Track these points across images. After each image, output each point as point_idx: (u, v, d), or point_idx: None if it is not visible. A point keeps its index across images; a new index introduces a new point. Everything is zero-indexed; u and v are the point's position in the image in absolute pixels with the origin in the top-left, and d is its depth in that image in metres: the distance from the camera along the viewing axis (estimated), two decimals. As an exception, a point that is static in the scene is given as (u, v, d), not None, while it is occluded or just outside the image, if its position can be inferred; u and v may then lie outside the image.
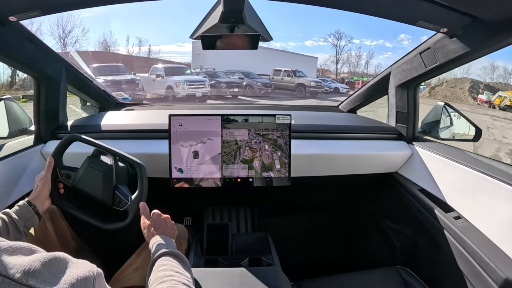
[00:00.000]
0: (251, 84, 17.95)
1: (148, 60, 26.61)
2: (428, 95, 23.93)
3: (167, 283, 0.82)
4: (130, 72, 16.19)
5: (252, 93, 17.36)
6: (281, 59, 23.67)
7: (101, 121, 1.86)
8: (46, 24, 32.69)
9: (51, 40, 33.00)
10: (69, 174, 1.28)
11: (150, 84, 15.44)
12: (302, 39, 50.31)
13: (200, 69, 19.79)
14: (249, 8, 1.32)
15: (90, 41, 41.78)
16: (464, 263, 1.25)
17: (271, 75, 20.57)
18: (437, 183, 1.54)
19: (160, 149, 1.56)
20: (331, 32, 40.52)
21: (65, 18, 27.80)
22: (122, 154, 1.25)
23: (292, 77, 19.76)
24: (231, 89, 17.21)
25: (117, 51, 30.85)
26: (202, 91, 14.95)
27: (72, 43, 28.60)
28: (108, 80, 13.91)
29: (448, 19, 1.27)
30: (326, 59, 35.18)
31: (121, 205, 1.24)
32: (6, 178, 1.43)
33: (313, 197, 2.22)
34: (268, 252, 1.49)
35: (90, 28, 42.97)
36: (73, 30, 28.62)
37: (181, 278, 0.86)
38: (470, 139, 1.73)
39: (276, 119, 1.49)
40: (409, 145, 1.80)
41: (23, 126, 1.70)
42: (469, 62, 1.49)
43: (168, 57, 29.55)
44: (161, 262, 0.93)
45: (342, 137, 1.79)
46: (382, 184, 1.92)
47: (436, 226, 1.42)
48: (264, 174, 1.50)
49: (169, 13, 40.47)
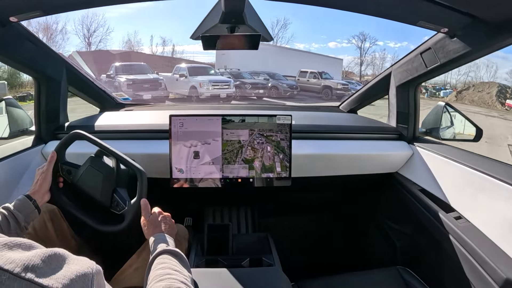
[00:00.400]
0: (276, 85, 17.50)
1: (171, 60, 26.48)
2: (455, 100, 23.46)
3: (166, 281, 0.82)
4: (153, 72, 15.85)
5: (278, 94, 16.91)
6: (306, 60, 23.22)
7: (102, 121, 1.86)
8: (71, 23, 33.12)
9: (76, 39, 33.33)
10: (70, 170, 1.28)
11: (173, 83, 15.14)
12: (325, 41, 49.66)
13: (224, 69, 19.51)
14: (249, 9, 1.32)
15: (114, 40, 42.09)
16: (465, 263, 1.25)
17: (296, 76, 20.10)
18: (438, 183, 1.54)
19: (161, 149, 1.56)
20: (355, 33, 40.08)
21: (90, 18, 28.20)
22: (125, 158, 1.24)
23: (318, 79, 19.19)
24: (256, 90, 16.84)
25: (141, 50, 31.01)
26: (227, 91, 14.65)
27: (97, 42, 28.97)
28: (130, 79, 13.85)
29: (448, 19, 1.27)
30: (350, 61, 34.43)
31: (119, 208, 1.23)
32: (7, 179, 1.44)
33: (314, 197, 2.22)
34: (269, 252, 1.49)
35: (115, 28, 43.73)
36: (98, 30, 28.96)
37: (179, 276, 0.86)
38: (471, 139, 1.73)
39: (276, 119, 1.48)
40: (410, 145, 1.80)
41: (24, 127, 1.70)
42: (469, 62, 1.49)
43: (192, 57, 29.34)
44: (159, 260, 0.93)
45: (343, 137, 1.79)
46: (382, 184, 1.92)
47: (437, 226, 1.42)
48: (264, 175, 1.49)
49: (193, 12, 40.53)
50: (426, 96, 24.59)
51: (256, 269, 1.36)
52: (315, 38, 50.65)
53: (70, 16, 29.97)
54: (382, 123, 2.01)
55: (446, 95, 25.27)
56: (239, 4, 1.24)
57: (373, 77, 2.19)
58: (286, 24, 34.75)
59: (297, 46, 34.61)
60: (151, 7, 49.65)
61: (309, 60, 23.57)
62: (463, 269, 1.26)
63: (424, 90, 26.26)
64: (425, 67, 1.59)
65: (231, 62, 20.72)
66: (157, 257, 0.95)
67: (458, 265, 1.28)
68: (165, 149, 1.50)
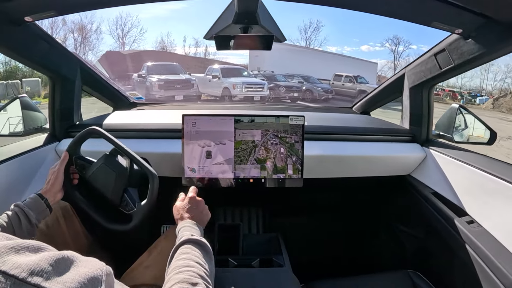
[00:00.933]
0: (311, 89, 16.91)
1: (204, 61, 26.51)
2: (492, 107, 22.60)
3: (184, 274, 0.81)
4: (185, 72, 15.56)
5: (312, 98, 16.32)
6: (340, 64, 22.62)
7: (114, 120, 1.88)
8: (106, 23, 33.75)
9: (110, 39, 33.99)
10: (84, 165, 1.29)
11: (206, 84, 14.85)
12: (357, 44, 48.78)
13: (258, 71, 19.14)
14: (262, 9, 1.32)
15: (147, 40, 42.59)
16: (476, 269, 1.23)
17: (331, 80, 19.42)
18: (451, 186, 1.52)
19: (173, 148, 1.56)
20: (388, 37, 39.25)
21: (124, 18, 28.83)
22: (140, 160, 1.25)
23: (353, 83, 18.46)
24: (290, 94, 16.29)
25: (174, 51, 31.27)
26: (261, 94, 14.07)
27: (130, 42, 29.54)
28: (162, 79, 13.62)
29: (462, 20, 1.24)
30: (383, 65, 33.66)
31: (128, 208, 1.24)
32: (21, 175, 1.46)
33: (325, 198, 2.21)
34: (279, 253, 1.49)
35: (148, 28, 44.21)
36: (132, 30, 29.58)
37: (199, 270, 0.84)
38: (485, 143, 1.70)
39: (289, 120, 1.48)
40: (423, 148, 1.77)
41: (38, 124, 1.72)
42: (485, 64, 1.47)
43: (224, 58, 28.96)
44: (182, 250, 0.91)
45: (355, 139, 1.77)
46: (394, 187, 1.90)
47: (449, 230, 1.40)
48: (275, 176, 1.49)
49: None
50: (462, 103, 23.78)
51: (266, 269, 1.37)
52: (347, 41, 49.76)
53: (105, 16, 30.62)
54: (395, 124, 1.99)
55: (482, 102, 24.07)
56: (252, 5, 1.24)
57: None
58: (319, 27, 34.30)
59: (329, 49, 33.91)
60: (183, 9, 50.04)
61: (343, 64, 23.00)
62: (474, 275, 1.24)
63: (459, 96, 25.59)
64: (439, 69, 1.57)
65: (264, 64, 20.45)
66: (181, 247, 0.93)
67: (469, 270, 1.26)
68: (177, 148, 1.50)
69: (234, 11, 1.28)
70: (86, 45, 27.12)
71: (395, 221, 1.91)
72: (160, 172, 1.27)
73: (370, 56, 44.67)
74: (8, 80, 16.84)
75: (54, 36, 15.06)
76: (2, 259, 0.43)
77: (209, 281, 0.83)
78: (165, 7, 51.32)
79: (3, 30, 1.25)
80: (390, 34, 35.38)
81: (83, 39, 26.51)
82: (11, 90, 15.76)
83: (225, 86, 14.16)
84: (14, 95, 17.24)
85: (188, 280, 0.78)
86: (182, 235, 0.98)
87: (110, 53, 22.84)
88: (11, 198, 1.38)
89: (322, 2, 1.30)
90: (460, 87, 30.72)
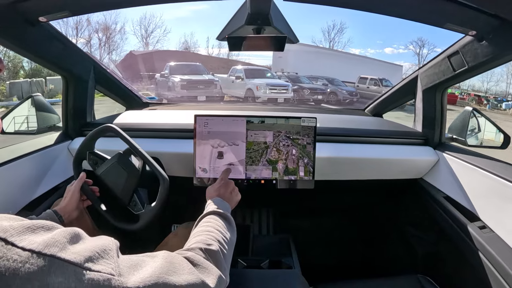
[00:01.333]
0: (335, 91, 16.47)
1: (227, 61, 26.58)
2: None
3: (202, 236, 0.83)
4: (208, 72, 15.39)
5: (337, 101, 15.84)
6: (365, 66, 22.32)
7: (127, 119, 1.90)
8: (130, 24, 34.27)
9: (134, 39, 34.47)
10: (97, 161, 1.31)
11: (229, 85, 14.73)
12: (381, 46, 48.71)
13: (281, 72, 18.96)
14: (275, 10, 1.32)
15: (171, 41, 43.10)
16: (488, 275, 1.21)
17: (356, 82, 19.06)
18: (463, 191, 1.50)
19: (184, 148, 1.57)
20: (413, 39, 38.72)
21: (148, 19, 29.83)
22: (152, 163, 1.26)
23: (378, 86, 17.89)
24: (315, 96, 15.96)
25: (197, 51, 31.81)
26: (285, 96, 13.83)
27: (154, 42, 30.50)
28: (185, 79, 13.54)
29: (476, 21, 1.22)
30: (408, 68, 32.45)
31: (136, 209, 1.25)
32: (34, 172, 1.48)
33: (336, 201, 2.20)
34: (289, 254, 1.49)
35: (172, 29, 45.57)
36: (155, 31, 30.68)
37: (218, 235, 0.86)
38: (498, 147, 1.68)
39: (301, 121, 1.47)
40: (436, 151, 1.75)
41: (51, 123, 1.75)
42: (499, 66, 1.45)
43: (247, 60, 29.11)
44: (205, 219, 0.95)
45: (367, 141, 1.76)
46: (406, 190, 1.88)
47: (460, 235, 1.38)
48: (286, 178, 1.49)
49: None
50: (488, 108, 23.12)
51: (275, 271, 1.36)
52: (370, 44, 49.49)
53: (129, 17, 31.17)
54: (408, 127, 1.97)
55: (508, 107, 23.25)
56: (264, 6, 1.24)
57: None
58: (342, 28, 34.37)
59: (352, 51, 33.71)
60: (207, 10, 50.50)
61: (367, 66, 22.70)
62: (485, 281, 1.22)
63: (485, 101, 24.99)
64: (452, 71, 1.55)
65: (288, 65, 20.35)
66: (205, 217, 0.97)
67: (480, 276, 1.24)
68: (188, 148, 1.51)
69: (246, 12, 1.28)
70: (110, 44, 27.70)
71: (406, 225, 1.90)
72: (171, 172, 1.28)
73: (394, 58, 44.24)
74: (33, 78, 17.24)
75: (79, 35, 14.60)
76: (20, 237, 0.45)
77: (226, 247, 0.85)
78: (188, 8, 52.17)
79: (18, 30, 1.27)
80: (415, 36, 34.81)
81: (107, 39, 27.08)
82: (35, 88, 16.14)
83: (249, 87, 14.01)
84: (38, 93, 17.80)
85: (204, 241, 0.80)
86: (208, 208, 1.03)
87: (133, 52, 23.09)
88: (23, 195, 1.40)
89: (333, 3, 1.30)
90: (486, 92, 30.21)
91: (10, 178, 1.35)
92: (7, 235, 0.44)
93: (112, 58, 27.63)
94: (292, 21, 1.44)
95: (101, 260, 0.51)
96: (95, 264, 0.49)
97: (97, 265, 0.49)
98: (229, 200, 1.16)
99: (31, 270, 0.42)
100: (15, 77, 19.12)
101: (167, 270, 0.61)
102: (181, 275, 0.63)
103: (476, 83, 32.01)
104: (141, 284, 0.52)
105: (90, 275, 0.47)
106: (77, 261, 0.47)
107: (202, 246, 0.78)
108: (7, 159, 1.35)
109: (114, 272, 0.50)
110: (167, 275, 0.60)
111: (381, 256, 2.14)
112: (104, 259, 0.51)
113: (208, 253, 0.77)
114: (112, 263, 0.52)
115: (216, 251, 0.79)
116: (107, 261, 0.51)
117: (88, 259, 0.49)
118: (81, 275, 0.46)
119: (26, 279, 0.41)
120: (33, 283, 0.41)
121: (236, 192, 1.24)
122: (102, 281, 0.48)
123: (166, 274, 0.60)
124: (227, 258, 0.84)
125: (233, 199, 1.20)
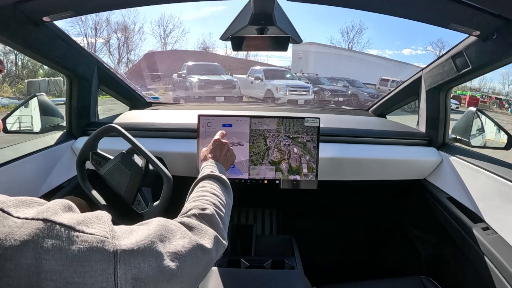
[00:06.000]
0: (356, 93, 16.16)
1: (246, 62, 26.64)
2: None
3: (197, 202, 0.83)
4: (227, 73, 15.03)
5: (357, 103, 15.54)
6: (385, 67, 21.97)
7: (130, 119, 1.90)
8: (148, 24, 34.43)
9: (152, 39, 34.95)
10: (100, 161, 1.31)
11: (248, 86, 14.37)
12: (399, 47, 48.26)
13: (301, 73, 18.60)
14: (279, 10, 1.32)
15: (189, 41, 43.38)
16: (491, 276, 1.20)
17: (376, 84, 18.70)
18: (467, 192, 1.49)
19: (188, 148, 1.58)
20: (432, 40, 38.30)
21: (166, 20, 30.35)
22: (156, 162, 1.26)
23: None
24: (336, 98, 15.60)
25: (215, 51, 31.78)
26: (305, 98, 13.38)
27: (172, 43, 30.63)
28: (203, 79, 13.06)
29: (480, 22, 1.22)
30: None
31: (140, 208, 1.26)
32: (37, 172, 1.49)
33: (339, 201, 2.19)
34: (292, 255, 1.48)
35: (190, 29, 46.13)
36: (174, 31, 31.03)
37: (213, 199, 0.86)
38: (502, 147, 1.67)
39: (305, 121, 1.47)
40: (439, 152, 1.74)
41: (55, 122, 1.75)
42: (503, 66, 1.44)
43: (266, 60, 29.23)
44: (201, 184, 0.95)
45: (371, 142, 1.75)
46: (409, 191, 1.88)
47: (464, 237, 1.38)
48: (291, 177, 1.49)
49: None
50: (510, 112, 22.57)
51: (277, 271, 1.36)
52: (388, 45, 49.02)
53: (147, 17, 31.33)
54: (411, 128, 1.97)
55: None
56: (268, 6, 1.25)
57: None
58: (361, 29, 34.16)
59: (370, 52, 33.43)
60: (225, 10, 50.49)
61: (387, 68, 22.36)
62: (488, 282, 1.21)
63: (507, 104, 24.52)
64: (456, 71, 1.54)
65: (308, 66, 20.14)
66: (200, 182, 0.97)
67: (483, 277, 1.24)
68: (192, 148, 1.51)
69: (250, 12, 1.28)
70: (128, 44, 27.85)
71: (409, 226, 1.89)
72: (174, 171, 1.28)
73: (412, 60, 43.72)
74: (51, 77, 17.37)
75: (98, 35, 14.66)
76: (16, 209, 0.46)
77: (222, 210, 0.85)
78: (206, 9, 52.14)
79: (22, 30, 1.27)
80: (434, 38, 34.20)
81: (126, 39, 27.21)
82: (53, 87, 16.36)
83: (268, 88, 13.61)
84: (55, 91, 17.37)
85: (199, 206, 0.80)
86: (203, 172, 1.02)
87: (151, 52, 23.16)
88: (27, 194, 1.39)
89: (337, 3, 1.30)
90: (507, 95, 29.83)
91: (14, 177, 1.36)
92: (4, 206, 0.45)
93: (131, 58, 27.90)
94: (308, 21, 1.43)
95: (95, 224, 0.51)
96: (89, 227, 0.49)
97: (90, 228, 0.49)
98: (224, 162, 1.16)
99: (25, 232, 0.43)
100: (34, 76, 19.34)
101: (161, 233, 0.61)
102: (175, 238, 0.64)
103: (497, 85, 31.66)
104: (135, 246, 0.52)
105: (84, 237, 0.47)
106: (70, 223, 0.47)
107: (197, 212, 0.77)
108: (11, 158, 1.35)
109: (108, 235, 0.50)
110: (162, 236, 0.60)
111: (384, 257, 2.13)
112: (98, 224, 0.52)
113: (203, 217, 0.77)
114: (106, 227, 0.52)
115: (212, 214, 0.79)
116: (101, 225, 0.52)
117: (81, 222, 0.49)
118: (74, 237, 0.46)
119: (21, 241, 0.42)
120: (28, 244, 0.42)
121: (231, 153, 1.23)
122: (96, 242, 0.48)
123: (160, 236, 0.60)
124: (224, 220, 0.84)
125: (228, 161, 1.20)
